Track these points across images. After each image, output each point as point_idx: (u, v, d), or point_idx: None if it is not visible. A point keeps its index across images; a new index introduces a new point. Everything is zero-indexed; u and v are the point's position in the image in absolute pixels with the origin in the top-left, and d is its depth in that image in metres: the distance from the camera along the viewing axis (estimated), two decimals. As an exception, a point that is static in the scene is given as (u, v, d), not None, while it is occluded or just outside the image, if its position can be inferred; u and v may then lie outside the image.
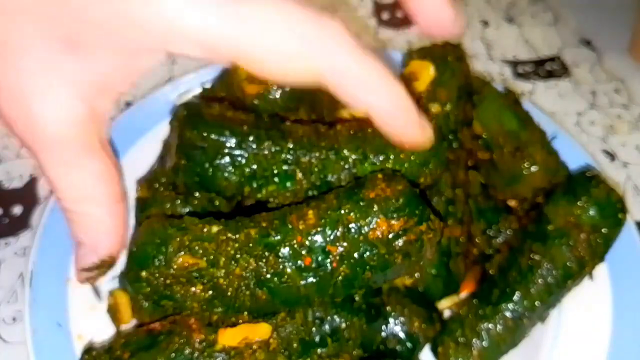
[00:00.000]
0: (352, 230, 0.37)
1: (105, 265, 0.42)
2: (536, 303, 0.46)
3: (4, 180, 0.66)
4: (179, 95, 0.61)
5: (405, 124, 0.39)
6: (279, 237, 0.38)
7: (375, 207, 0.37)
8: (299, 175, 0.43)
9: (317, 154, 0.43)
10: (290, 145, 0.43)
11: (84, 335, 0.46)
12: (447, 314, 0.50)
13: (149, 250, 0.39)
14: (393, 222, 0.37)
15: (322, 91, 0.36)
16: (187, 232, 0.39)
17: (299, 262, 0.38)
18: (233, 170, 0.43)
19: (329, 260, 0.37)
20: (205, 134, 0.43)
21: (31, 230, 0.61)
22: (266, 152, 0.43)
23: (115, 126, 0.58)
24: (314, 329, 0.42)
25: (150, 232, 0.40)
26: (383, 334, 0.45)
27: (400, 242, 0.38)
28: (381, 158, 0.43)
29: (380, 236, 0.37)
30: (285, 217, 0.39)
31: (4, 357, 0.52)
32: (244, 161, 0.43)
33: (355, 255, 0.38)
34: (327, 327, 0.42)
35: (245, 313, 0.40)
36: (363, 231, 0.37)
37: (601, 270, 0.49)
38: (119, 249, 0.41)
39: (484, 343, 0.45)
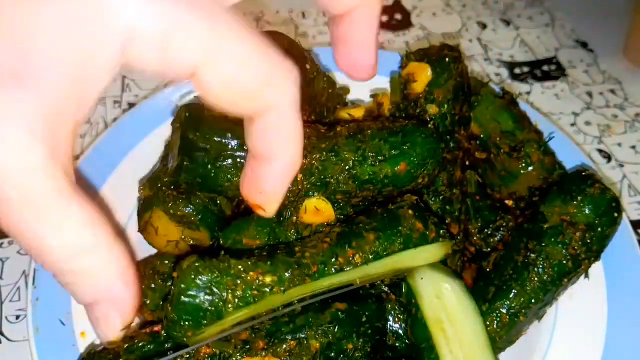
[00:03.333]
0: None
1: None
2: (532, 300, 0.46)
3: (7, 181, 0.67)
4: (180, 96, 0.61)
5: (279, 191, 0.40)
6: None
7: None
8: (300, 176, 0.43)
9: (317, 156, 0.43)
10: (291, 147, 0.43)
11: (87, 332, 0.46)
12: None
13: (200, 304, 0.36)
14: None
15: (321, 92, 0.36)
16: (238, 279, 0.37)
17: None
18: (235, 172, 0.43)
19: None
20: (208, 136, 0.43)
21: (34, 230, 0.61)
22: (267, 152, 0.43)
23: (118, 127, 0.60)
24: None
25: (199, 281, 0.37)
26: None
27: None
28: (380, 159, 0.44)
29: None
30: (335, 255, 0.40)
31: (7, 355, 0.52)
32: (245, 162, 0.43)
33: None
34: (333, 354, 0.43)
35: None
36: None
37: (597, 269, 0.50)
38: (136, 291, 0.36)
39: (480, 340, 0.46)
